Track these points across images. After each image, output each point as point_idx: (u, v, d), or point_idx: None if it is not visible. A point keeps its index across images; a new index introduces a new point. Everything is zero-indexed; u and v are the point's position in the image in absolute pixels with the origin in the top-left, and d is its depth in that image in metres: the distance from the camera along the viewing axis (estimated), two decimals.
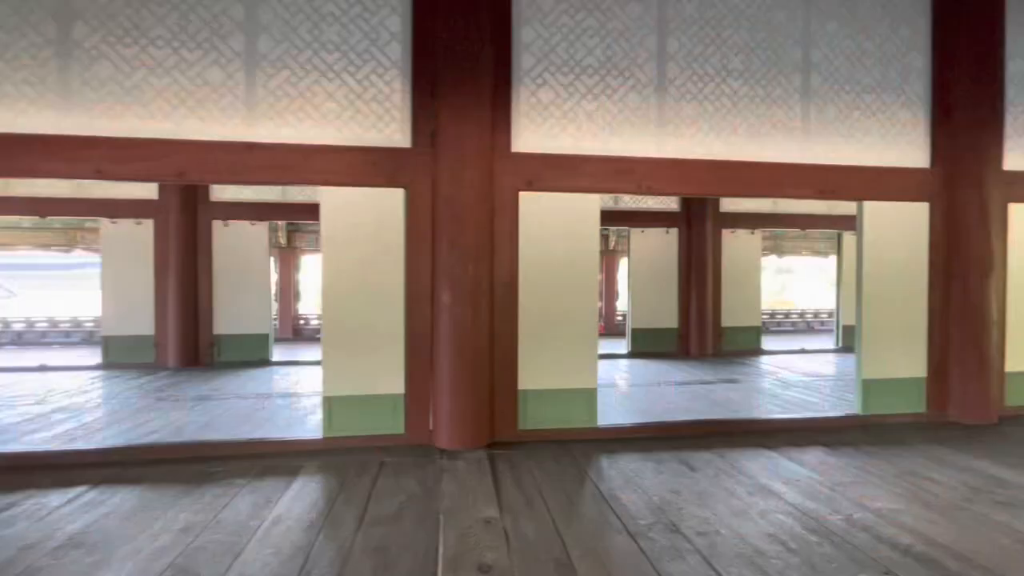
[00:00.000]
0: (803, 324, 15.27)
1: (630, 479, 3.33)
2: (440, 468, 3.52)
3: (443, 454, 3.79)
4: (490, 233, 4.05)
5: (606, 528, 2.67)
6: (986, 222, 4.62)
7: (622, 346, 9.65)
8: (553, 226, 4.18)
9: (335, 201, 3.92)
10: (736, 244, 9.63)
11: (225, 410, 5.35)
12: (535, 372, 4.16)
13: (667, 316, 9.45)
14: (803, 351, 9.87)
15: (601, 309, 14.76)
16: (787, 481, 3.29)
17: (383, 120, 3.96)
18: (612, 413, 5.12)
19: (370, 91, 3.94)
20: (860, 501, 3.00)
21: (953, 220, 4.70)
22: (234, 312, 8.24)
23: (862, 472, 3.46)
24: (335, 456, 3.73)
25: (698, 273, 9.35)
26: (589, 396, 4.24)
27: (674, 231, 9.47)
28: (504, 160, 4.09)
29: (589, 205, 4.23)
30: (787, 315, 15.40)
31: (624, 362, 8.80)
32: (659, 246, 9.45)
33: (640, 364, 8.51)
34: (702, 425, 4.44)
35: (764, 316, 15.01)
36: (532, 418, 4.15)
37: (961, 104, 4.65)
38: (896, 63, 4.65)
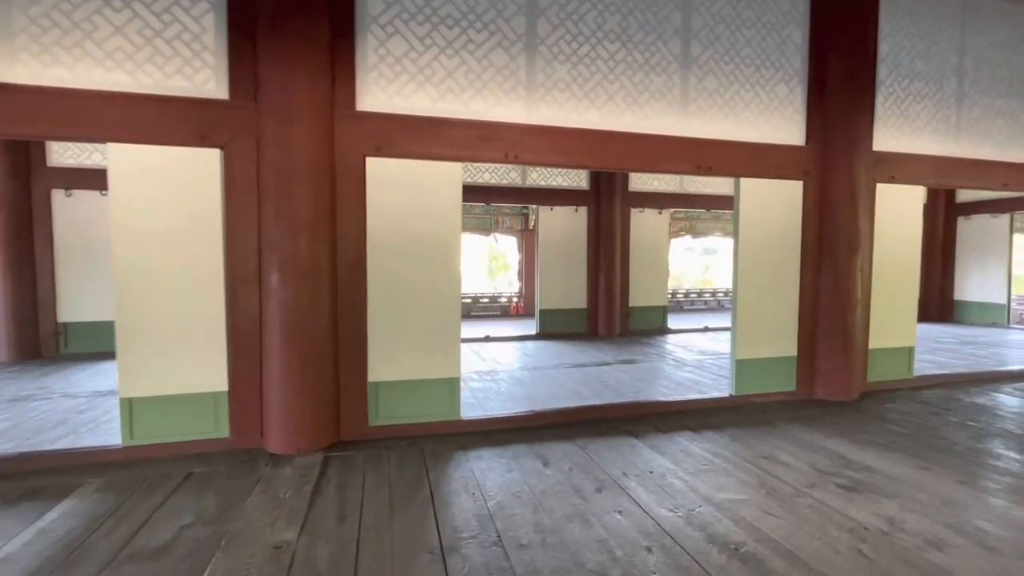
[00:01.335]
0: (715, 303, 15.86)
1: (473, 481, 2.99)
2: (258, 478, 3.02)
3: (271, 460, 3.29)
4: (330, 204, 3.51)
5: (418, 546, 2.31)
6: (854, 201, 4.65)
7: (532, 327, 9.45)
8: (408, 197, 3.71)
9: (130, 162, 3.22)
10: (644, 223, 9.60)
11: (40, 413, 4.51)
12: (389, 362, 3.72)
13: (576, 296, 9.31)
14: (706, 329, 10.10)
15: (521, 289, 14.55)
16: (640, 474, 3.09)
17: (191, 65, 3.28)
18: (492, 402, 4.80)
19: (173, 28, 3.23)
20: (707, 493, 2.83)
21: (825, 199, 4.70)
22: (85, 296, 7.13)
23: (719, 458, 3.33)
24: (134, 468, 3.13)
25: (606, 253, 9.24)
26: (451, 386, 3.86)
27: (583, 209, 9.28)
28: (347, 120, 3.54)
29: (450, 174, 3.79)
30: (700, 294, 15.91)
31: (531, 344, 8.58)
32: (568, 225, 9.24)
33: (546, 346, 8.31)
34: (573, 413, 4.20)
35: (679, 296, 15.51)
36: (385, 413, 3.72)
37: (836, 82, 4.61)
38: (775, 35, 4.51)
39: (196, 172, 3.31)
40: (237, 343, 3.42)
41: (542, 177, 9.11)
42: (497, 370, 6.41)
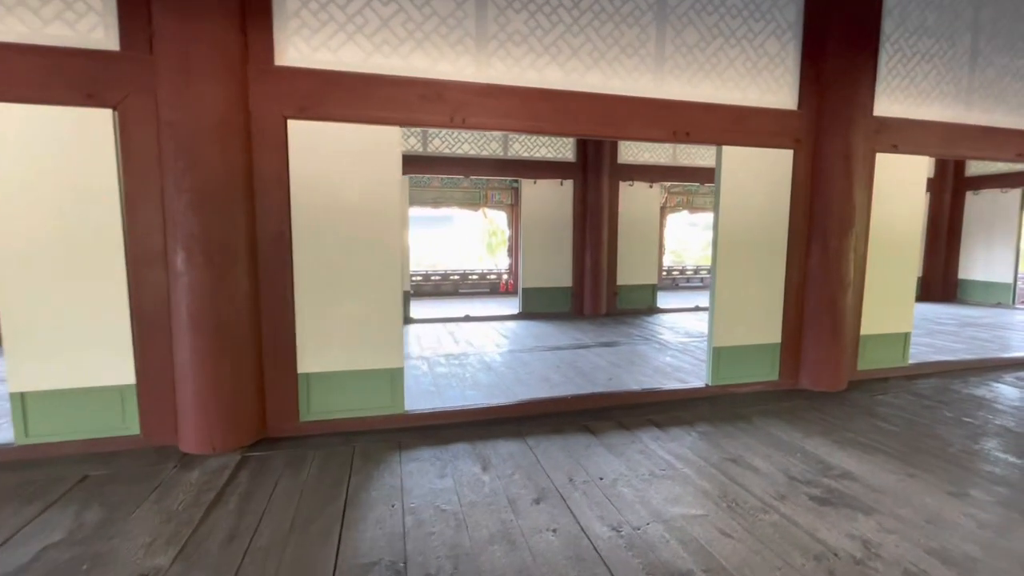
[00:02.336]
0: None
1: (398, 489, 2.65)
2: (159, 483, 2.69)
3: (181, 461, 2.95)
4: (246, 174, 3.09)
5: None
6: (850, 173, 4.18)
7: (515, 306, 9.10)
8: (339, 167, 3.28)
9: (6, 125, 2.79)
10: (634, 198, 9.12)
11: None
12: (321, 351, 3.35)
13: (560, 274, 8.91)
14: (697, 309, 9.71)
15: (511, 266, 14.14)
16: (589, 480, 2.74)
17: (74, 9, 2.81)
18: (453, 390, 4.46)
19: None
20: (659, 506, 2.49)
21: (817, 170, 4.23)
22: None
23: (681, 461, 2.98)
24: (25, 471, 2.80)
25: (593, 229, 8.78)
26: (393, 377, 3.51)
27: (569, 183, 8.79)
28: (264, 76, 3.08)
29: (387, 140, 3.34)
30: (696, 271, 15.47)
31: (511, 324, 8.22)
32: (552, 199, 8.76)
33: (526, 326, 7.96)
34: (528, 406, 3.84)
35: (675, 272, 15.09)
36: (318, 407, 3.38)
37: (835, 36, 4.08)
38: None
39: (86, 137, 2.88)
40: (143, 331, 3.05)
41: (525, 148, 8.59)
42: (468, 353, 6.07)
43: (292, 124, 3.15)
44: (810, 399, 4.12)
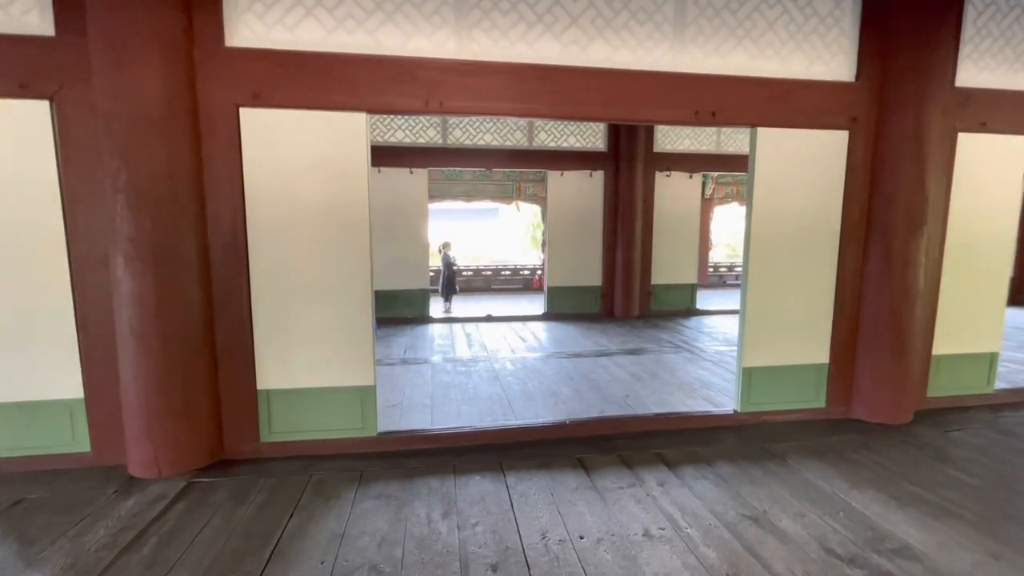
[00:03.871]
0: None
1: (339, 537, 2.26)
2: (90, 512, 2.44)
3: (123, 486, 2.70)
4: (193, 170, 2.77)
5: None
6: (922, 159, 3.41)
7: (541, 305, 8.62)
8: (300, 160, 2.91)
9: None
10: (672, 189, 8.38)
11: None
12: (283, 365, 3.02)
13: (589, 272, 8.34)
14: None
15: (544, 262, 13.62)
16: (564, 540, 2.25)
17: None
18: (450, 404, 4.06)
19: None
20: None
21: (879, 155, 3.48)
22: None
23: (688, 516, 2.42)
24: None
25: (625, 223, 8.14)
26: (364, 395, 3.13)
27: (599, 174, 8.18)
28: (212, 59, 2.75)
29: (353, 128, 2.94)
30: None
31: (534, 325, 7.76)
32: (581, 192, 8.18)
33: (550, 328, 7.47)
34: (517, 432, 3.35)
35: (723, 269, 14.07)
36: (280, 427, 3.06)
37: None
38: None
39: (23, 131, 2.65)
40: (90, 342, 2.82)
41: (552, 138, 8.04)
42: (478, 359, 5.66)
43: (245, 113, 2.81)
44: (864, 433, 3.41)
